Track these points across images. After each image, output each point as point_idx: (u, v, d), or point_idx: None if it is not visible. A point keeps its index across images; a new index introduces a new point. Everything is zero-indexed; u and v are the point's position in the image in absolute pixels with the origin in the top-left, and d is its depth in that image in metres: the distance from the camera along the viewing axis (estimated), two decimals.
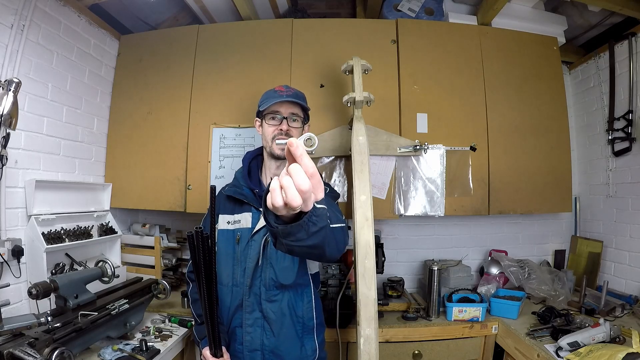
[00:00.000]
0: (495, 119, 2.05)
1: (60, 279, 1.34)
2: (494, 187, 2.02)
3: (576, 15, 2.24)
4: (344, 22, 2.15)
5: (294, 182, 0.55)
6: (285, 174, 0.56)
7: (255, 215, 1.35)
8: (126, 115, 2.15)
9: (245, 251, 1.33)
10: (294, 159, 0.56)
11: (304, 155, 0.55)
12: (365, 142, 1.56)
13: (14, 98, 1.37)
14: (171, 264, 2.23)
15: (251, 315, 1.32)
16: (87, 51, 1.98)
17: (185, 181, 2.04)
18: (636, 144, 2.01)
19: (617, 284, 2.06)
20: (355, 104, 1.63)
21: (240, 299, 1.33)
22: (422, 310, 1.93)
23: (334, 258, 1.03)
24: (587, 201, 2.39)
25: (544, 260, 2.43)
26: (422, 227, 2.43)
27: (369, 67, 1.68)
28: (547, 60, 2.15)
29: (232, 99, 2.05)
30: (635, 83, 2.00)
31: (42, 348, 1.09)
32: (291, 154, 0.56)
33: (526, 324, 1.74)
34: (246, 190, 1.38)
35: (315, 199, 0.62)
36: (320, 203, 0.79)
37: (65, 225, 1.75)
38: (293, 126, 1.37)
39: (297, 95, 1.38)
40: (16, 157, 1.55)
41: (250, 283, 1.31)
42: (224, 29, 2.13)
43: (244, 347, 1.32)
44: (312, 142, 0.60)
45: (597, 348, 1.36)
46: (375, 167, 1.94)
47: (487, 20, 2.15)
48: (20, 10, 1.56)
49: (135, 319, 1.57)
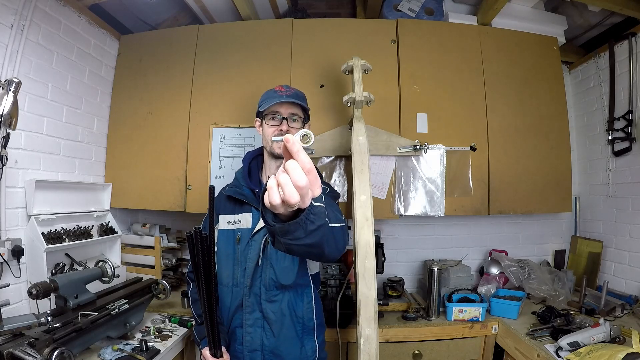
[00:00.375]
0: (495, 119, 2.05)
1: (60, 279, 1.34)
2: (494, 187, 2.02)
3: (576, 15, 2.24)
4: (344, 22, 2.15)
5: (291, 178, 0.55)
6: (282, 171, 0.56)
7: (256, 216, 1.35)
8: (126, 115, 2.15)
9: (245, 251, 1.33)
10: (291, 155, 0.56)
11: (300, 151, 0.55)
12: (365, 142, 1.56)
13: (14, 98, 1.37)
14: (171, 264, 2.23)
15: (251, 316, 1.32)
16: (87, 51, 1.97)
17: (185, 181, 2.04)
18: (636, 144, 2.01)
19: (617, 284, 2.05)
20: (355, 104, 1.63)
21: (241, 299, 1.33)
22: (422, 310, 1.93)
23: (334, 258, 1.03)
24: (587, 201, 2.39)
25: (544, 260, 2.43)
26: (422, 227, 2.43)
27: (369, 67, 1.68)
28: (547, 60, 2.15)
29: (232, 99, 2.05)
30: (635, 83, 2.00)
31: (42, 348, 1.09)
32: (288, 151, 0.56)
33: (526, 324, 1.74)
34: (246, 190, 1.38)
35: (312, 195, 0.62)
36: (319, 201, 0.79)
37: (65, 225, 1.75)
38: (293, 126, 1.37)
39: (297, 95, 1.38)
40: (16, 157, 1.55)
41: (250, 283, 1.31)
42: (224, 29, 2.13)
43: (244, 348, 1.32)
44: (307, 138, 0.60)
45: (597, 348, 1.36)
46: (375, 167, 1.94)
47: (487, 20, 2.15)
48: (20, 10, 1.56)
49: (135, 319, 1.57)
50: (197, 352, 1.76)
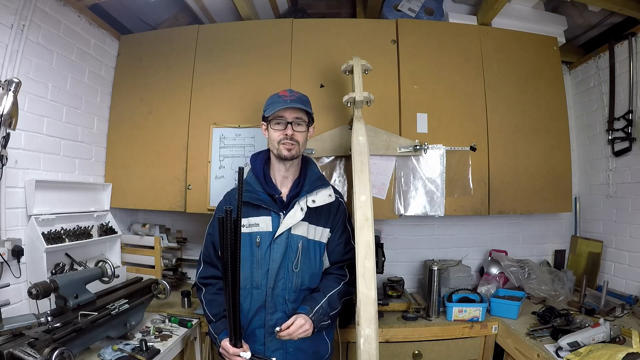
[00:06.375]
0: (495, 119, 2.05)
1: (60, 279, 1.34)
2: (494, 187, 2.01)
3: (576, 15, 2.24)
4: (344, 22, 2.15)
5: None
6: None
7: (276, 219, 1.39)
8: (126, 115, 2.15)
9: (266, 254, 1.36)
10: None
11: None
12: (365, 142, 1.56)
13: (14, 98, 1.37)
14: (171, 264, 2.23)
15: (273, 316, 1.35)
16: (87, 51, 1.97)
17: (185, 181, 2.03)
18: (636, 144, 2.01)
19: (617, 284, 2.05)
20: (355, 104, 1.63)
21: (263, 301, 1.36)
22: (422, 310, 1.93)
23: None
24: (587, 201, 2.39)
25: (544, 260, 2.43)
26: (422, 227, 2.43)
27: (369, 67, 1.68)
28: (547, 60, 2.15)
29: (232, 98, 2.05)
30: (635, 83, 2.00)
31: (42, 348, 1.09)
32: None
33: (526, 324, 1.74)
34: (263, 196, 1.40)
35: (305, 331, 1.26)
36: (317, 303, 1.32)
37: (65, 225, 1.75)
38: (297, 130, 1.40)
39: (300, 99, 1.41)
40: (16, 157, 1.55)
41: (273, 285, 1.35)
42: (224, 29, 2.13)
43: (265, 348, 1.35)
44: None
45: (597, 348, 1.36)
46: (375, 167, 1.94)
47: (487, 20, 2.15)
48: (20, 10, 1.56)
49: (135, 319, 1.57)
50: (196, 351, 1.76)
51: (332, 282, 1.42)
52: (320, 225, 1.43)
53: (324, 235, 1.44)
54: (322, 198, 1.41)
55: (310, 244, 1.41)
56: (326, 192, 1.43)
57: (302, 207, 1.38)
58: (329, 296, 1.36)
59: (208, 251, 1.46)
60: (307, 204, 1.38)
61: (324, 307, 1.33)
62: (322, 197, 1.41)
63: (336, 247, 1.47)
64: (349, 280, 1.44)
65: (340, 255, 1.47)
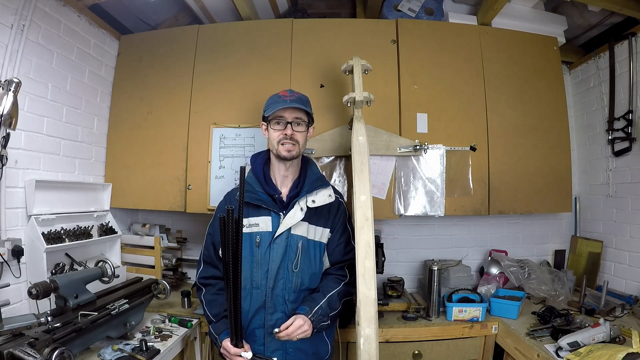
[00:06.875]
0: (495, 119, 2.05)
1: (60, 279, 1.34)
2: (494, 187, 2.01)
3: (576, 15, 2.24)
4: (344, 22, 2.15)
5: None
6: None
7: (276, 219, 1.39)
8: (126, 115, 2.15)
9: (266, 254, 1.37)
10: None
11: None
12: (365, 142, 1.56)
13: (14, 98, 1.37)
14: (171, 264, 2.23)
15: (273, 316, 1.36)
16: (87, 51, 1.97)
17: (185, 181, 2.04)
18: (636, 144, 2.01)
19: (617, 284, 2.05)
20: (355, 104, 1.63)
21: (262, 301, 1.36)
22: (422, 310, 1.93)
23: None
24: (587, 201, 2.39)
25: (544, 260, 2.43)
26: (422, 227, 2.43)
27: (369, 67, 1.68)
28: (547, 60, 2.15)
29: (232, 99, 2.05)
30: (635, 83, 2.00)
31: (42, 348, 1.09)
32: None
33: (526, 324, 1.74)
34: (263, 196, 1.41)
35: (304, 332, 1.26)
36: (316, 304, 1.32)
37: (65, 225, 1.75)
38: (297, 130, 1.40)
39: (300, 100, 1.41)
40: (16, 157, 1.55)
41: (273, 285, 1.35)
42: (224, 29, 2.13)
43: (265, 348, 1.35)
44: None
45: (597, 348, 1.36)
46: (375, 167, 1.94)
47: (487, 20, 2.15)
48: (20, 10, 1.56)
49: (135, 319, 1.57)
50: (197, 351, 1.77)
51: (332, 283, 1.42)
52: (320, 226, 1.43)
53: (324, 236, 1.44)
54: (322, 198, 1.41)
55: (310, 244, 1.41)
56: (326, 192, 1.43)
57: (302, 207, 1.38)
58: (328, 297, 1.36)
59: (208, 251, 1.46)
60: (307, 204, 1.38)
61: (324, 308, 1.33)
62: (322, 197, 1.42)
63: (336, 247, 1.47)
64: (349, 280, 1.45)
65: (340, 256, 1.48)
